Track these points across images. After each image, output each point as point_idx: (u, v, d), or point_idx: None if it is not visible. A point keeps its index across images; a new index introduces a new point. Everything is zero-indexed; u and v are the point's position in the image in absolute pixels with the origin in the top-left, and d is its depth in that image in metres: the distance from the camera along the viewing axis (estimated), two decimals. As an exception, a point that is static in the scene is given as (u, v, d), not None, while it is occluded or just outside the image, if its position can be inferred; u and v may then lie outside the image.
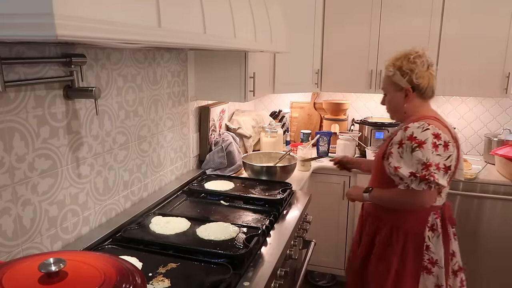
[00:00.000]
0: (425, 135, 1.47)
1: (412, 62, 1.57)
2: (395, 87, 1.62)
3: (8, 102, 1.12)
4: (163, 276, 1.19)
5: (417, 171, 1.46)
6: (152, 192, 1.89)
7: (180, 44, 1.06)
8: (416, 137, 1.47)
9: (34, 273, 0.77)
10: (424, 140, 1.46)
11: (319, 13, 2.82)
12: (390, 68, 1.62)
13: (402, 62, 1.58)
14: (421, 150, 1.46)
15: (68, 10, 0.65)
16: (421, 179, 1.46)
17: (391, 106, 1.69)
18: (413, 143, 1.47)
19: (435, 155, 1.46)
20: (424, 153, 1.45)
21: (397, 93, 1.62)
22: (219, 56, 2.15)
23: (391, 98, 1.66)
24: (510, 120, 2.92)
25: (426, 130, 1.48)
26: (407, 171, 1.48)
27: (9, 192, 1.15)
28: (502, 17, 2.50)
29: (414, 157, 1.47)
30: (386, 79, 1.66)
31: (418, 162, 1.46)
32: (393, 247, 1.62)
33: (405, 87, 1.59)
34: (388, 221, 1.65)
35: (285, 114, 3.28)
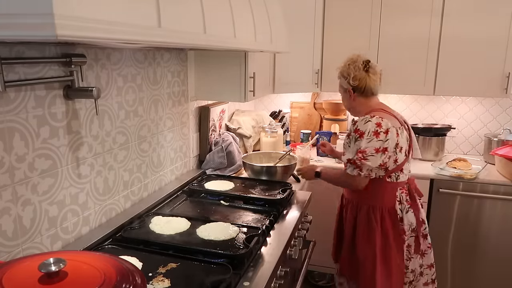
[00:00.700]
0: (365, 127, 1.71)
1: (347, 67, 1.85)
2: (342, 88, 1.92)
3: (8, 102, 1.12)
4: (163, 276, 1.19)
5: (353, 157, 1.73)
6: (152, 192, 1.89)
7: (180, 44, 1.06)
8: (359, 129, 1.73)
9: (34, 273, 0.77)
10: (363, 130, 1.71)
11: (319, 13, 2.82)
12: (337, 73, 1.91)
13: (342, 68, 1.87)
14: (361, 140, 1.71)
15: (68, 10, 0.65)
16: (354, 166, 1.74)
17: (344, 105, 1.99)
18: (356, 134, 1.73)
19: (374, 141, 1.69)
20: (362, 143, 1.71)
21: (345, 93, 1.91)
22: (219, 56, 2.15)
23: (342, 98, 1.96)
24: (510, 120, 2.92)
25: (368, 122, 1.72)
26: (346, 158, 1.77)
27: (9, 192, 1.15)
28: (502, 17, 2.50)
29: (356, 146, 1.73)
30: (339, 81, 1.94)
31: (356, 150, 1.72)
32: (373, 226, 1.83)
33: (347, 88, 1.87)
34: (365, 203, 1.86)
35: (285, 114, 3.28)
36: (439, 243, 2.62)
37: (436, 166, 2.61)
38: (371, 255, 1.82)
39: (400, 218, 1.81)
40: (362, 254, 1.86)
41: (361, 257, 1.86)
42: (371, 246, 1.82)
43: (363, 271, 1.85)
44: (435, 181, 2.54)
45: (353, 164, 1.74)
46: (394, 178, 1.81)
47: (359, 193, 1.86)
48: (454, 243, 2.60)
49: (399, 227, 1.82)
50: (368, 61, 1.84)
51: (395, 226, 1.82)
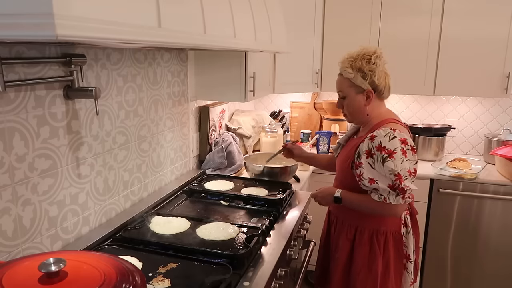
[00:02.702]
0: (394, 144, 1.46)
1: (373, 63, 1.53)
2: (356, 89, 1.56)
3: (8, 102, 1.12)
4: (163, 276, 1.19)
5: (393, 183, 1.46)
6: (152, 192, 1.89)
7: (180, 44, 1.06)
8: (385, 147, 1.46)
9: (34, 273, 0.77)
10: (393, 149, 1.45)
11: (319, 13, 2.82)
12: (349, 69, 1.56)
13: (362, 64, 1.53)
14: (392, 160, 1.45)
15: (68, 10, 0.65)
16: (398, 192, 1.46)
17: (351, 110, 1.61)
18: (383, 154, 1.46)
19: (405, 161, 1.46)
20: (396, 163, 1.44)
21: (358, 95, 1.57)
22: (219, 56, 2.15)
23: (352, 101, 1.59)
24: (510, 120, 2.92)
25: (394, 138, 1.46)
26: (385, 184, 1.47)
27: (9, 192, 1.15)
28: (502, 17, 2.50)
29: (386, 167, 1.45)
30: (345, 82, 1.59)
31: (391, 172, 1.45)
32: (376, 252, 1.61)
33: (367, 89, 1.55)
34: (367, 226, 1.63)
35: (285, 114, 3.28)
36: (439, 243, 2.62)
37: (436, 166, 2.61)
38: (371, 285, 1.61)
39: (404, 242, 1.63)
40: (360, 284, 1.63)
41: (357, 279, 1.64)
42: (372, 276, 1.61)
43: None
44: (435, 181, 2.55)
45: (394, 190, 1.46)
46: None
47: (360, 213, 1.62)
48: (454, 243, 2.60)
49: (401, 252, 1.63)
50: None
51: (397, 251, 1.62)
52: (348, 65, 1.56)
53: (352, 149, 1.60)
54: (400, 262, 1.64)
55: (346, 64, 1.56)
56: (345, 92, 1.60)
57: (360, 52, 1.56)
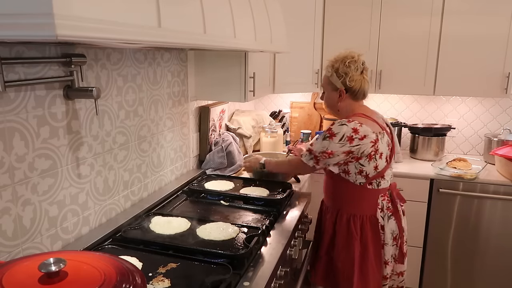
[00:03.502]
0: (339, 129, 1.66)
1: (347, 66, 1.71)
2: (332, 86, 1.78)
3: (8, 102, 1.12)
4: (163, 276, 1.19)
5: (315, 151, 1.70)
6: (152, 192, 1.89)
7: (180, 44, 1.06)
8: (332, 129, 1.67)
9: (34, 273, 0.77)
10: (335, 132, 1.65)
11: (319, 13, 2.82)
12: (329, 68, 1.77)
13: (339, 65, 1.73)
14: (329, 141, 1.66)
15: (68, 10, 0.65)
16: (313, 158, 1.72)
17: (327, 103, 1.85)
18: (326, 133, 1.68)
19: (347, 146, 1.64)
20: (330, 144, 1.66)
21: (333, 92, 1.78)
22: (219, 56, 2.15)
23: (328, 96, 1.82)
24: (510, 120, 2.92)
25: (343, 125, 1.66)
26: (310, 148, 1.73)
27: (9, 192, 1.15)
28: (502, 17, 2.50)
29: (321, 144, 1.68)
30: (325, 78, 1.81)
31: (322, 147, 1.67)
32: (353, 235, 1.75)
33: (339, 88, 1.75)
34: (345, 211, 1.78)
35: (285, 114, 3.28)
36: (439, 243, 2.62)
37: (436, 166, 2.61)
38: (349, 265, 1.75)
39: (381, 226, 1.76)
40: (340, 264, 1.78)
41: (339, 267, 1.78)
42: (350, 256, 1.75)
43: (341, 281, 1.78)
44: (435, 181, 2.54)
45: (313, 156, 1.72)
46: (375, 185, 1.74)
47: (339, 200, 1.80)
48: (454, 243, 2.60)
49: (379, 236, 1.76)
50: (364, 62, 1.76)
51: (375, 234, 1.75)
52: (330, 64, 1.77)
53: None
54: (378, 244, 1.76)
55: (330, 63, 1.78)
56: (324, 87, 1.84)
57: (344, 54, 1.76)
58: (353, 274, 1.73)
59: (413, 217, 2.56)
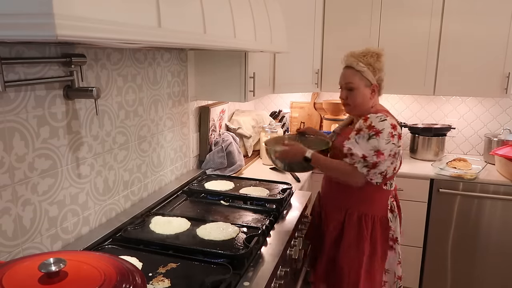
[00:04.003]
0: (382, 125, 1.60)
1: (379, 61, 1.69)
2: (365, 82, 1.69)
3: (8, 102, 1.12)
4: (163, 276, 1.19)
5: (368, 156, 1.59)
6: (152, 192, 1.89)
7: (180, 44, 1.06)
8: (374, 126, 1.60)
9: (34, 273, 0.77)
10: (381, 129, 1.59)
11: (319, 13, 2.82)
12: (360, 64, 1.68)
13: (370, 60, 1.67)
14: (377, 139, 1.59)
15: (68, 10, 0.65)
16: (366, 164, 1.60)
17: (358, 101, 1.72)
18: (370, 132, 1.60)
19: (391, 143, 1.59)
20: (380, 142, 1.58)
21: (366, 88, 1.70)
22: (219, 56, 2.15)
23: (360, 93, 1.71)
24: (510, 120, 2.92)
25: (384, 120, 1.61)
26: (360, 153, 1.60)
27: (9, 192, 1.15)
28: (502, 17, 2.50)
29: (370, 144, 1.59)
30: (356, 74, 1.70)
31: (372, 149, 1.59)
32: (363, 234, 1.73)
33: (373, 84, 1.69)
34: (356, 209, 1.74)
35: (285, 114, 3.28)
36: (439, 243, 2.62)
37: (436, 166, 2.61)
38: (357, 264, 1.73)
39: (390, 226, 1.75)
40: (346, 262, 1.75)
41: (345, 265, 1.75)
42: (359, 255, 1.73)
43: (346, 279, 1.75)
44: (435, 181, 2.54)
45: (366, 161, 1.59)
46: (389, 186, 1.74)
47: (350, 199, 1.74)
48: (454, 243, 2.60)
49: (387, 235, 1.75)
50: None
51: (383, 234, 1.74)
52: (360, 59, 1.68)
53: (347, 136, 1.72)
54: (386, 245, 1.76)
55: (358, 58, 1.69)
56: (355, 84, 1.70)
57: (367, 50, 1.69)
58: (360, 272, 1.71)
59: (413, 217, 2.56)
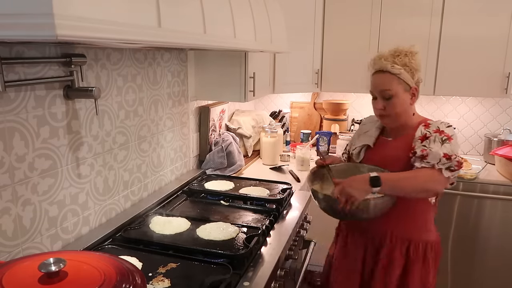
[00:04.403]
0: (451, 131, 1.41)
1: (415, 59, 1.44)
2: (404, 87, 1.44)
3: (8, 102, 1.12)
4: (163, 276, 1.19)
5: (452, 154, 1.36)
6: (152, 192, 1.89)
7: (180, 44, 1.06)
8: (444, 131, 1.40)
9: (34, 273, 0.77)
10: (451, 135, 1.40)
11: (319, 13, 2.82)
12: (395, 65, 1.42)
13: (405, 59, 1.42)
14: (451, 144, 1.37)
15: (68, 10, 0.65)
16: (451, 164, 1.34)
17: (399, 110, 1.46)
18: (442, 136, 1.38)
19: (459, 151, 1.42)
20: (453, 147, 1.37)
21: (405, 93, 1.45)
22: (219, 56, 2.15)
23: (401, 99, 1.45)
24: (510, 120, 2.92)
25: (450, 127, 1.42)
26: (441, 152, 1.35)
27: (9, 192, 1.15)
28: (502, 17, 2.50)
29: (445, 148, 1.36)
30: (393, 79, 1.43)
31: (447, 151, 1.36)
32: (428, 267, 1.50)
33: (412, 87, 1.45)
34: (420, 238, 1.50)
35: (285, 114, 3.28)
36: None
37: (436, 166, 2.61)
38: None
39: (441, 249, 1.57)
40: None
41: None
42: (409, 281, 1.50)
43: None
44: (435, 181, 2.54)
45: (450, 161, 1.35)
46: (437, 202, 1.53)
47: (411, 226, 1.49)
48: (454, 243, 2.60)
49: (438, 263, 1.56)
50: None
51: (437, 262, 1.55)
52: (394, 60, 1.43)
53: (399, 150, 1.48)
54: (434, 273, 1.55)
55: (391, 59, 1.43)
56: (394, 90, 1.44)
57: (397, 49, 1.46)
58: None
59: (413, 217, 2.56)
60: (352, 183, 1.36)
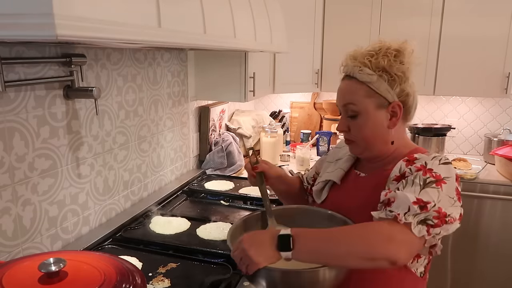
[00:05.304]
0: (447, 171, 0.91)
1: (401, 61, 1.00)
2: (377, 101, 0.99)
3: (8, 102, 1.12)
4: (163, 276, 1.19)
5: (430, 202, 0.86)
6: (152, 192, 1.89)
7: (180, 44, 1.06)
8: (433, 169, 0.90)
9: (34, 273, 0.77)
10: (444, 177, 0.90)
11: (319, 13, 2.82)
12: (365, 69, 0.98)
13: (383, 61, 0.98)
14: (438, 189, 0.87)
15: (68, 10, 0.65)
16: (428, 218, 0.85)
17: (368, 134, 1.02)
18: (427, 176, 0.89)
19: (458, 207, 0.90)
20: (442, 196, 0.87)
21: (379, 112, 1.00)
22: (219, 56, 2.15)
23: (369, 120, 1.01)
24: (510, 120, 2.92)
25: (447, 164, 0.93)
26: (412, 196, 0.87)
27: (9, 192, 1.15)
28: (502, 17, 2.50)
29: (426, 194, 0.87)
30: (359, 89, 1.00)
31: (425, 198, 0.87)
32: None
33: (393, 102, 0.99)
34: None
35: (285, 114, 3.28)
36: (439, 243, 2.62)
37: (436, 166, 2.61)
38: None
39: None
40: None
41: None
42: None
43: None
44: (435, 181, 2.54)
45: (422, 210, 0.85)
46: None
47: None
48: (454, 243, 2.60)
49: None
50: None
51: None
52: (366, 61, 0.99)
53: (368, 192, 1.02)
54: None
55: (362, 60, 1.00)
56: (360, 106, 1.00)
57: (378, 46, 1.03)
58: None
59: (413, 217, 2.56)
60: (252, 242, 0.88)
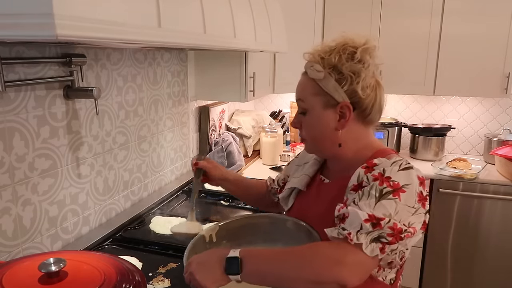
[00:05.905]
0: (406, 178, 0.86)
1: (358, 60, 0.94)
2: (324, 100, 0.96)
3: (8, 102, 1.12)
4: (163, 276, 1.19)
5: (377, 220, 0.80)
6: (152, 192, 1.89)
7: (180, 44, 1.06)
8: (391, 177, 0.85)
9: (34, 273, 0.77)
10: (403, 185, 0.85)
11: (319, 13, 2.82)
12: (316, 65, 0.96)
13: (340, 59, 0.94)
14: (395, 200, 0.82)
15: (68, 10, 0.65)
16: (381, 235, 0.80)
17: (314, 133, 0.99)
18: (384, 185, 0.84)
19: (422, 214, 0.87)
20: (400, 208, 0.82)
21: (327, 111, 0.96)
22: (219, 56, 2.15)
23: (315, 118, 0.98)
24: (510, 120, 2.92)
25: (408, 169, 0.88)
26: (365, 211, 0.81)
27: (9, 192, 1.15)
28: (502, 17, 2.50)
29: (381, 207, 0.82)
30: (308, 85, 0.98)
31: (378, 214, 0.81)
32: None
33: (341, 103, 0.94)
34: None
35: (285, 114, 3.27)
36: (439, 243, 2.62)
37: (436, 166, 2.61)
38: None
39: None
40: None
41: None
42: None
43: None
44: (435, 181, 2.54)
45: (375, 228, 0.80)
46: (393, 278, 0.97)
47: None
48: (454, 243, 2.60)
49: None
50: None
51: None
52: (318, 58, 0.97)
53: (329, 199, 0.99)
54: None
55: (316, 56, 0.98)
56: (306, 103, 0.99)
57: (340, 42, 0.98)
58: None
59: (413, 217, 2.56)
60: (199, 265, 0.88)
